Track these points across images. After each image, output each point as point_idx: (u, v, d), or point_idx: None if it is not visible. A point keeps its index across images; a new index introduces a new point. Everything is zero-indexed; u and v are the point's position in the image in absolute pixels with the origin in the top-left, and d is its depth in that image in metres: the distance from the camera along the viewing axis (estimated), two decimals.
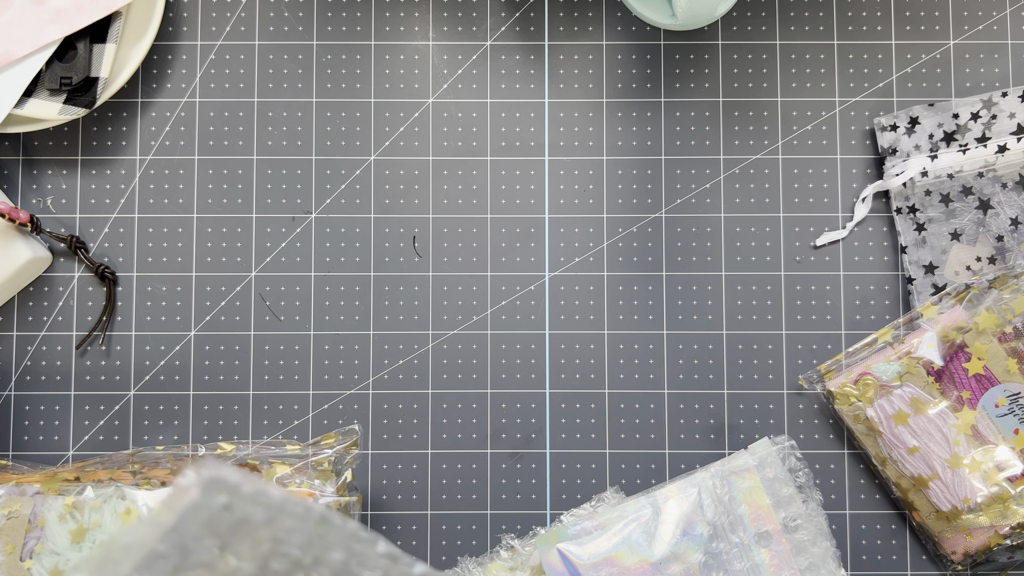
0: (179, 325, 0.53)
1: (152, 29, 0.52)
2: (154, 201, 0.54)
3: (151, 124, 0.54)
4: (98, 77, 0.51)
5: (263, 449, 0.49)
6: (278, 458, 0.49)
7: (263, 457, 0.49)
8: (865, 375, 0.50)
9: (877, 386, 0.49)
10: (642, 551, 0.48)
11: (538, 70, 0.55)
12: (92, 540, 0.44)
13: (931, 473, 0.49)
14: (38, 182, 0.54)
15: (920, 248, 0.52)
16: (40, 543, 0.44)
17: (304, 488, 0.47)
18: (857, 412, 0.50)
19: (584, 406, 0.53)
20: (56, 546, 0.44)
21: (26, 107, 0.51)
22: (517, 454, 0.53)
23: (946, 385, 0.49)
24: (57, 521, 0.45)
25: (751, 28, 0.55)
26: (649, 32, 0.55)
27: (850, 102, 0.54)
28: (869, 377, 0.50)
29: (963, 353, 0.49)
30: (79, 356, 0.53)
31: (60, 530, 0.45)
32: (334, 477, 0.48)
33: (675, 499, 0.49)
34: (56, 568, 0.44)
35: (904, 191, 0.52)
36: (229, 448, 0.50)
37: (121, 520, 0.45)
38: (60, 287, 0.54)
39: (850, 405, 0.50)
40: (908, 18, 0.55)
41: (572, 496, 0.53)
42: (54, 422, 0.53)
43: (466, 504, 0.53)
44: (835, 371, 0.51)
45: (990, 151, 0.52)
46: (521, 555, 0.50)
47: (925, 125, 0.52)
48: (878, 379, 0.49)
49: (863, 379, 0.50)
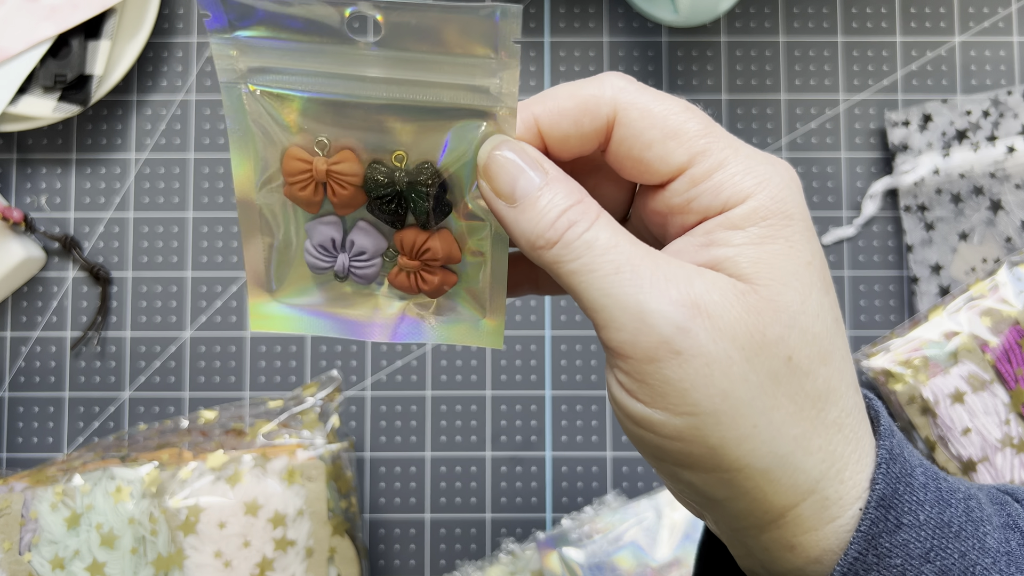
0: (174, 325, 0.53)
1: (147, 26, 0.51)
2: (149, 200, 0.53)
3: (146, 122, 0.54)
4: (92, 74, 0.51)
5: (242, 410, 0.49)
6: (261, 417, 0.48)
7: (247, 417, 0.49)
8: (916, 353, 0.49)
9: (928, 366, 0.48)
10: (643, 556, 0.47)
11: (539, 67, 0.54)
12: (88, 524, 0.44)
13: (982, 455, 0.48)
14: (32, 181, 0.54)
15: (927, 248, 0.52)
16: (36, 535, 0.45)
17: (293, 440, 0.47)
18: (913, 392, 0.49)
19: (585, 408, 0.52)
20: (53, 535, 0.44)
21: (20, 105, 0.50)
22: (517, 457, 0.52)
23: (1001, 363, 0.48)
24: (50, 511, 0.45)
25: (754, 25, 0.54)
26: (651, 29, 0.54)
27: (855, 100, 0.54)
28: (918, 357, 0.49)
29: (1016, 330, 0.48)
30: (73, 357, 0.53)
31: (54, 519, 0.45)
32: (321, 425, 0.48)
33: (678, 503, 0.48)
34: (56, 556, 0.44)
35: (913, 189, 0.52)
36: (212, 416, 0.49)
37: (113, 499, 0.45)
38: (54, 287, 0.53)
39: (905, 384, 0.49)
40: (913, 15, 0.54)
41: (572, 499, 0.52)
42: (48, 423, 0.52)
43: (465, 508, 0.52)
44: (881, 351, 0.50)
45: (999, 151, 0.51)
46: (521, 559, 0.49)
47: (938, 122, 0.52)
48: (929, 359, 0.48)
49: (913, 359, 0.49)
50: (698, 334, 0.22)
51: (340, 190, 0.26)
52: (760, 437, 0.22)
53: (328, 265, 0.28)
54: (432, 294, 0.28)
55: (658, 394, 0.22)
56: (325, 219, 0.28)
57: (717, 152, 0.24)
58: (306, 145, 0.26)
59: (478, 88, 0.25)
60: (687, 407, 0.22)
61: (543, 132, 0.25)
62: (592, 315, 0.23)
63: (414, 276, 0.28)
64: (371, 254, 0.28)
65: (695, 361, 0.22)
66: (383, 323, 0.28)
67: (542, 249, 0.24)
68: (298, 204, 0.27)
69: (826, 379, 0.23)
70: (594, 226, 0.23)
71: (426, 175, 0.26)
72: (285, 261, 0.28)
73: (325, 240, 0.28)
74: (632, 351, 0.22)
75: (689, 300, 0.22)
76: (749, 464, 0.22)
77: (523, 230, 0.24)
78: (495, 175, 0.24)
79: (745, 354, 0.22)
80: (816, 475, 0.23)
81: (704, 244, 0.24)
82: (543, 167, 0.24)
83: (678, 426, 0.22)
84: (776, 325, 0.22)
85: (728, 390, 0.22)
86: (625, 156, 0.25)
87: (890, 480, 0.23)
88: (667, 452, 0.23)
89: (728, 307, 0.22)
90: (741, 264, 0.23)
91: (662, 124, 0.24)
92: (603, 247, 0.23)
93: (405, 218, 0.27)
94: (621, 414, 0.24)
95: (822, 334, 0.23)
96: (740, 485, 0.22)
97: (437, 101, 0.25)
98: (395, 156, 0.26)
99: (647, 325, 0.22)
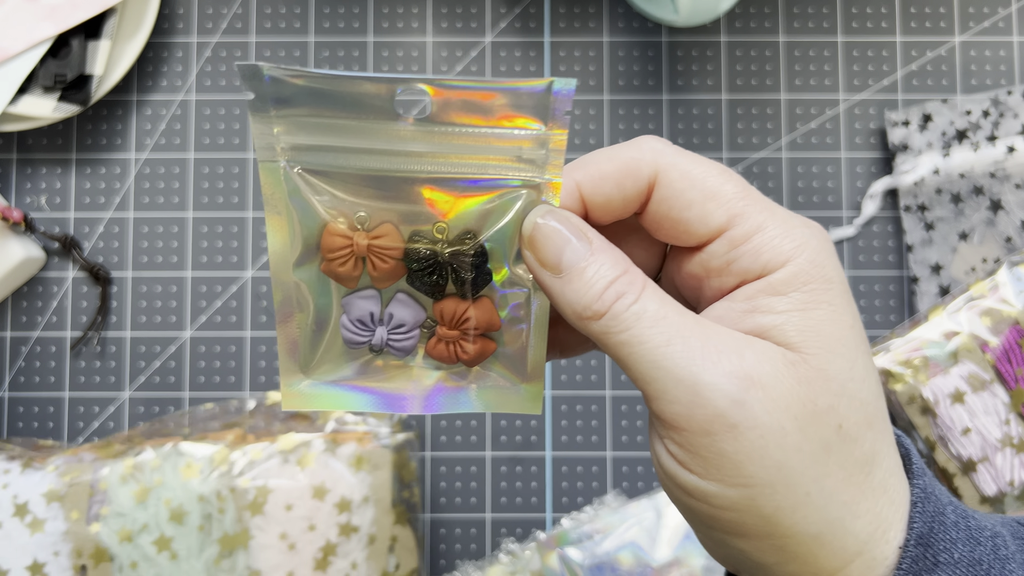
0: (174, 325, 0.53)
1: (147, 25, 0.51)
2: (149, 200, 0.53)
3: (146, 122, 0.54)
4: (92, 74, 0.51)
5: None
6: None
7: None
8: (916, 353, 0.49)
9: (928, 365, 0.48)
10: (643, 556, 0.47)
11: (538, 67, 0.54)
12: (157, 498, 0.45)
13: (982, 455, 0.48)
14: (32, 181, 0.54)
15: (927, 247, 0.52)
16: (104, 506, 0.45)
17: (361, 426, 0.47)
18: (913, 392, 0.49)
19: (585, 408, 0.52)
20: (121, 507, 0.45)
21: (20, 105, 0.50)
22: (517, 457, 0.52)
23: (1001, 363, 0.48)
24: (120, 483, 0.45)
25: (754, 24, 0.54)
26: (651, 28, 0.54)
27: (855, 100, 0.54)
28: (918, 357, 0.49)
29: (1016, 330, 0.48)
30: (73, 357, 0.53)
31: (124, 491, 0.45)
32: (388, 414, 0.48)
33: None
34: (123, 528, 0.44)
35: (913, 189, 0.52)
36: (279, 397, 0.49)
37: (182, 475, 0.45)
38: (54, 287, 0.53)
39: (905, 384, 0.49)
40: (913, 15, 0.54)
41: (572, 499, 0.52)
42: (48, 424, 0.52)
43: (465, 507, 0.52)
44: (881, 351, 0.50)
45: (999, 151, 0.51)
46: (521, 560, 0.49)
47: (938, 122, 0.52)
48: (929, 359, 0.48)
49: (913, 359, 0.49)
50: (752, 406, 0.22)
51: (381, 264, 0.26)
52: (813, 504, 0.22)
53: (365, 340, 0.28)
54: (471, 363, 0.28)
55: (712, 466, 0.22)
56: (363, 293, 0.27)
57: (755, 215, 0.24)
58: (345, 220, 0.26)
59: (523, 159, 0.25)
60: (742, 479, 0.22)
61: (585, 197, 0.25)
62: (643, 386, 0.23)
63: (454, 346, 0.27)
64: (410, 326, 0.28)
65: (750, 434, 0.22)
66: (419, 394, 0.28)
67: (589, 320, 0.24)
68: (336, 280, 0.27)
69: (872, 443, 0.23)
70: (642, 297, 0.23)
71: (469, 245, 0.26)
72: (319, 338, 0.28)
73: (364, 315, 0.27)
74: (687, 424, 0.22)
75: (742, 372, 0.22)
76: (802, 531, 0.22)
77: (569, 301, 0.24)
78: (541, 245, 0.25)
79: (798, 424, 0.22)
80: (864, 537, 0.23)
81: (747, 311, 0.24)
82: (588, 237, 0.24)
83: (732, 497, 0.22)
84: (827, 394, 0.23)
85: (782, 461, 0.22)
86: (664, 217, 0.25)
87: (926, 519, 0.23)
88: (719, 522, 0.23)
89: (780, 378, 0.23)
90: (788, 332, 0.23)
91: (701, 185, 0.24)
92: (652, 318, 0.23)
93: (444, 288, 0.27)
94: (671, 484, 0.24)
95: (868, 399, 0.23)
96: (792, 550, 0.23)
97: (482, 173, 0.25)
98: (436, 227, 0.26)
99: (702, 398, 0.22)
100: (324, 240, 0.26)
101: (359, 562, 0.45)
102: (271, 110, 0.25)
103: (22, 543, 0.44)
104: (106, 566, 0.44)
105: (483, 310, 0.27)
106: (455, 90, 0.24)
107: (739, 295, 0.24)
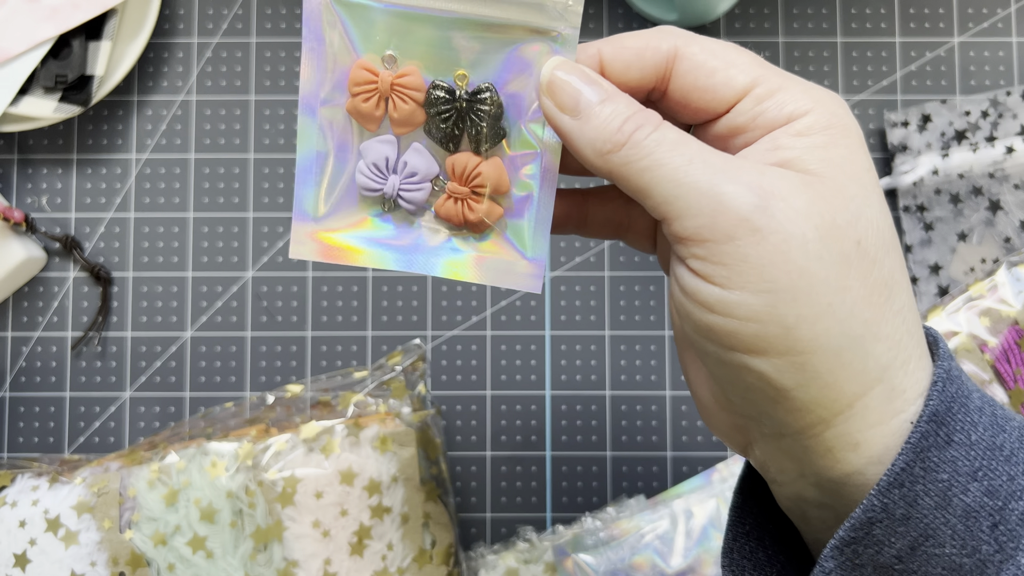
0: (175, 325, 0.53)
1: (148, 26, 0.51)
2: (150, 200, 0.54)
3: (147, 122, 0.54)
4: (93, 75, 0.51)
5: (330, 382, 0.49)
6: (347, 388, 0.49)
7: (334, 389, 0.49)
8: None
9: None
10: (658, 562, 0.47)
11: None
12: (186, 499, 0.45)
13: None
14: (33, 181, 0.54)
15: (926, 248, 0.52)
16: (135, 512, 0.45)
17: (382, 408, 0.47)
18: None
19: (585, 408, 0.52)
20: (152, 512, 0.45)
21: (21, 105, 0.50)
22: (517, 457, 0.52)
23: (1000, 363, 0.48)
24: (148, 488, 0.45)
25: (754, 25, 0.54)
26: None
27: (854, 100, 0.54)
28: None
29: (1015, 330, 0.48)
30: (74, 357, 0.53)
31: (152, 496, 0.45)
32: (409, 392, 0.48)
33: (693, 509, 0.48)
34: (157, 532, 0.44)
35: (913, 189, 0.52)
36: (298, 389, 0.49)
37: (209, 474, 0.45)
38: (55, 287, 0.53)
39: None
40: (912, 15, 0.54)
41: (572, 499, 0.52)
42: (49, 424, 0.53)
43: (465, 507, 0.52)
44: None
45: (999, 151, 0.51)
46: (538, 549, 0.49)
47: (937, 122, 0.52)
48: None
49: None
50: (775, 213, 0.23)
51: (402, 104, 0.28)
52: (835, 316, 0.23)
53: (379, 186, 0.29)
54: (477, 227, 0.29)
55: (735, 273, 0.23)
56: (382, 138, 0.28)
57: (774, 76, 0.26)
58: (374, 59, 0.28)
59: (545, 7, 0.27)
60: (765, 284, 0.23)
61: (605, 62, 0.27)
62: (664, 208, 0.24)
63: (462, 203, 0.28)
64: (423, 176, 0.29)
65: (773, 237, 0.23)
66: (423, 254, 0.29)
67: (610, 153, 0.25)
68: (358, 119, 0.28)
69: (891, 269, 0.24)
70: (662, 127, 0.25)
71: (486, 96, 0.27)
72: (335, 185, 0.29)
73: (379, 158, 0.28)
74: (710, 233, 0.23)
75: (764, 183, 0.23)
76: (823, 345, 0.23)
77: (589, 138, 0.25)
78: (559, 89, 0.26)
79: (819, 234, 0.23)
80: (885, 362, 0.23)
81: (770, 149, 0.25)
82: (602, 84, 0.26)
83: (754, 306, 0.23)
84: (845, 212, 0.23)
85: (804, 267, 0.23)
86: (692, 86, 0.26)
87: (944, 398, 0.23)
88: (740, 337, 0.23)
89: (799, 192, 0.23)
90: (808, 162, 0.24)
91: (722, 55, 0.26)
92: (672, 143, 0.24)
93: (460, 140, 0.28)
94: (693, 304, 0.24)
95: (885, 227, 0.24)
96: (813, 368, 0.23)
97: (505, 17, 0.27)
98: (457, 75, 0.28)
99: (724, 205, 0.23)
100: (352, 73, 0.27)
101: (395, 542, 0.45)
102: None
103: (58, 557, 0.44)
104: (144, 571, 0.44)
105: (493, 167, 0.28)
106: None
107: (764, 140, 0.25)
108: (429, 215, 0.29)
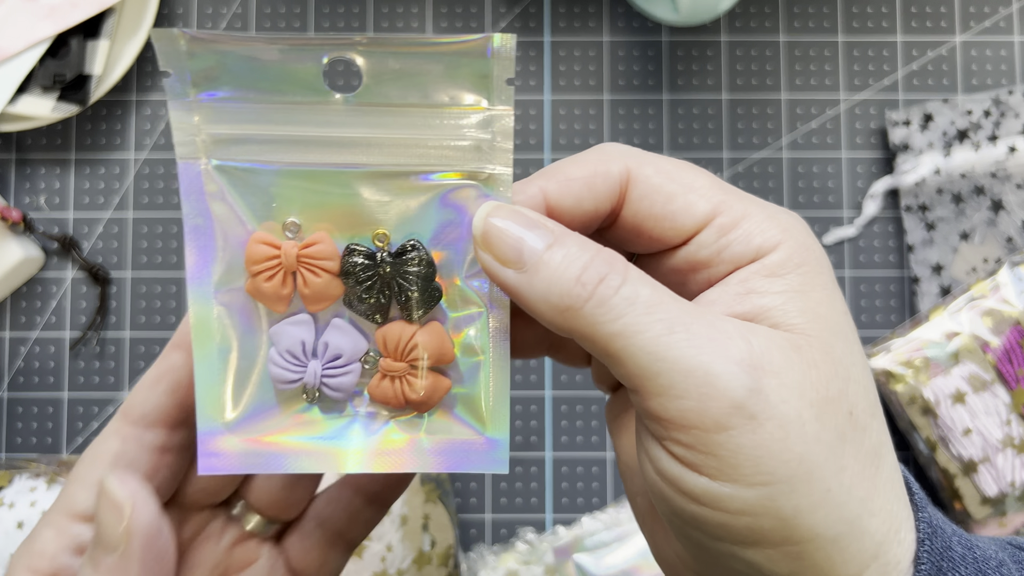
0: (174, 326, 0.53)
1: (146, 25, 0.51)
2: (148, 200, 0.53)
3: (145, 122, 0.54)
4: (91, 74, 0.51)
5: None
6: None
7: None
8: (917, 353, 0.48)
9: (929, 366, 0.48)
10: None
11: (538, 67, 0.54)
12: None
13: (982, 456, 0.48)
14: (31, 181, 0.54)
15: (928, 248, 0.52)
16: None
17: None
18: (914, 392, 0.49)
19: (585, 408, 0.52)
20: None
21: (19, 105, 0.50)
22: (517, 457, 0.52)
23: (1003, 363, 0.48)
24: None
25: (755, 24, 0.54)
26: (651, 28, 0.54)
27: (856, 99, 0.54)
28: (919, 357, 0.48)
29: (1017, 330, 0.48)
30: (73, 357, 0.53)
31: None
32: None
33: None
34: None
35: (914, 189, 0.52)
36: None
37: None
38: (53, 287, 0.53)
39: (906, 385, 0.49)
40: (914, 14, 0.54)
41: (572, 499, 0.52)
42: (47, 424, 0.52)
43: (465, 508, 0.52)
44: (882, 352, 0.50)
45: (1001, 151, 0.51)
46: (538, 551, 0.49)
47: (939, 122, 0.52)
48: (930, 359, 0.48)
49: (914, 359, 0.49)
50: (769, 395, 0.20)
51: (313, 278, 0.23)
52: (833, 502, 0.21)
53: (297, 376, 0.24)
54: (421, 406, 0.24)
55: (728, 465, 0.20)
56: (294, 319, 0.24)
57: (736, 203, 0.23)
58: (273, 229, 0.23)
59: (468, 148, 0.23)
60: (761, 477, 0.20)
61: (552, 202, 0.23)
62: (641, 383, 0.21)
63: (400, 383, 0.24)
64: (348, 357, 0.24)
65: (769, 424, 0.20)
66: (360, 452, 0.24)
67: (571, 311, 0.21)
68: (263, 301, 0.24)
69: (878, 433, 0.22)
70: (630, 279, 0.21)
71: (413, 255, 0.23)
72: (244, 382, 0.24)
73: (294, 344, 0.24)
74: (698, 420, 0.20)
75: (753, 359, 0.21)
76: (821, 533, 0.21)
77: (541, 293, 0.21)
78: (496, 240, 0.22)
79: (815, 412, 0.21)
80: (879, 538, 0.22)
81: (743, 293, 0.22)
82: (547, 225, 0.22)
83: (748, 499, 0.20)
84: (836, 379, 0.21)
85: (803, 454, 0.20)
86: (647, 215, 0.23)
87: (935, 558, 0.22)
88: (731, 530, 0.21)
89: (790, 364, 0.21)
90: (790, 313, 0.22)
91: (679, 179, 0.23)
92: (647, 304, 0.21)
93: (388, 308, 0.24)
94: (673, 492, 0.21)
95: (870, 386, 0.22)
96: (809, 557, 0.21)
97: (424, 165, 0.23)
98: (376, 235, 0.23)
99: (716, 390, 0.20)
100: (248, 250, 0.23)
101: (394, 544, 0.45)
102: (190, 91, 0.22)
103: None
104: None
105: (432, 334, 0.24)
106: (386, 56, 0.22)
107: (732, 280, 0.23)
108: (362, 399, 0.24)
